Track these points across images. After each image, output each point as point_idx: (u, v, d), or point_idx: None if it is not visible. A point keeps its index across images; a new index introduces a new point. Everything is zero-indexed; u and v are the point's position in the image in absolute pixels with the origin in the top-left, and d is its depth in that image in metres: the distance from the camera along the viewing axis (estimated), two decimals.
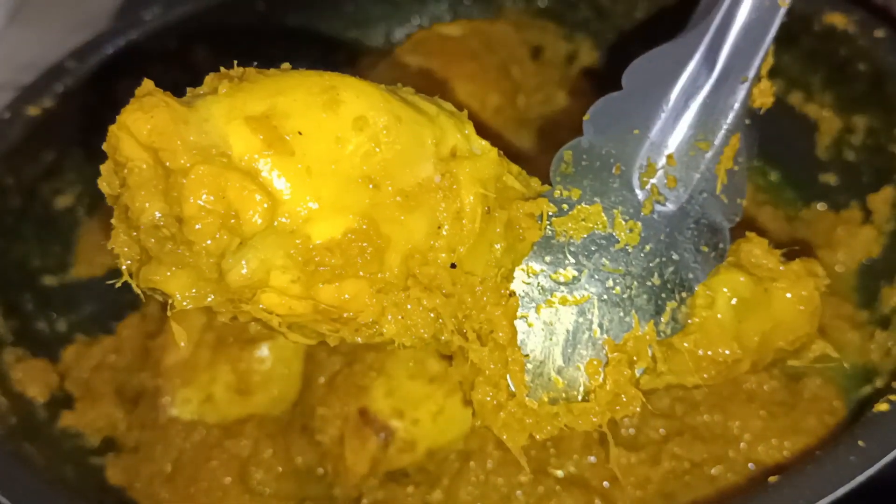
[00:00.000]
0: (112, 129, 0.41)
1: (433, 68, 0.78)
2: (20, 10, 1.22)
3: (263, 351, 0.63)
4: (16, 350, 0.69)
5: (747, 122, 0.52)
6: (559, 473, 0.58)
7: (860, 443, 0.49)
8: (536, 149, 0.79)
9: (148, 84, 0.41)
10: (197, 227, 0.38)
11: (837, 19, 0.71)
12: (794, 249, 0.54)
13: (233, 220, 0.38)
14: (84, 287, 0.77)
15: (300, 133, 0.40)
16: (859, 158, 0.71)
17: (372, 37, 0.93)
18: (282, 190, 0.39)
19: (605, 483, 0.58)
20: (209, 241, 0.38)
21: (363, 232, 0.40)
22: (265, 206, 0.39)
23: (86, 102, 0.80)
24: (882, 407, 0.51)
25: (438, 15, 0.93)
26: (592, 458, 0.58)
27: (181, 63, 0.86)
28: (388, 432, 0.57)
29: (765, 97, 0.52)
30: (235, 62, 0.45)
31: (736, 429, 0.59)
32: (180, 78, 0.95)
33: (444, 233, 0.42)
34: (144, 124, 0.39)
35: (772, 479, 0.49)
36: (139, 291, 0.42)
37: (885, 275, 0.66)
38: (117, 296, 0.77)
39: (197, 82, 0.96)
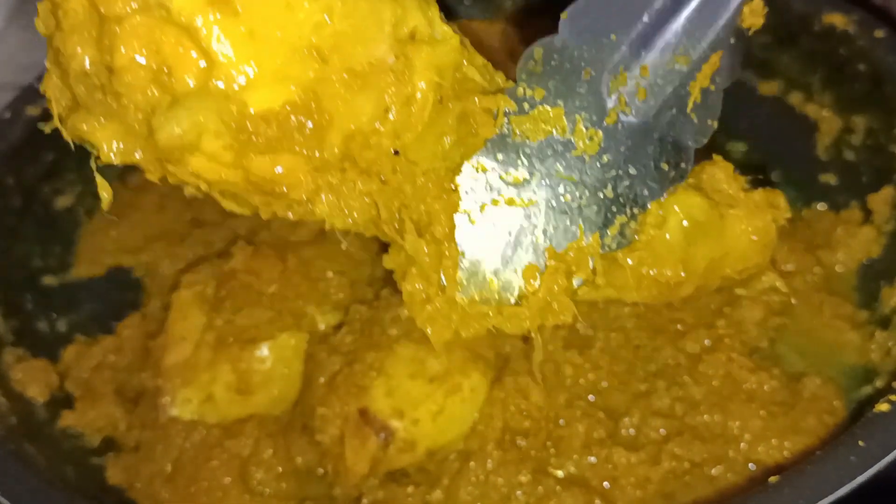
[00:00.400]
0: None
1: None
2: (20, 11, 1.22)
3: (263, 351, 0.63)
4: (16, 350, 0.69)
5: (732, 41, 0.49)
6: (559, 473, 0.58)
7: (860, 443, 0.49)
8: None
9: None
10: (127, 79, 0.36)
11: (837, 19, 0.71)
12: (759, 178, 0.53)
13: (165, 78, 0.37)
14: (84, 287, 0.77)
15: None
16: (859, 158, 0.72)
17: None
18: (220, 51, 0.37)
19: (606, 483, 0.58)
20: (139, 96, 0.37)
21: (304, 106, 0.38)
22: (201, 66, 0.37)
23: None
24: (882, 407, 0.51)
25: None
26: (592, 459, 0.58)
27: None
28: (388, 432, 0.57)
29: (755, 17, 0.49)
30: None
31: (736, 429, 0.59)
32: None
33: (391, 117, 0.40)
34: None
35: (772, 479, 0.49)
36: (69, 140, 0.40)
37: (885, 275, 0.66)
38: (117, 296, 0.77)
39: None
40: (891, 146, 0.68)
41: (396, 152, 0.41)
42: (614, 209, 0.47)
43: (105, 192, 0.42)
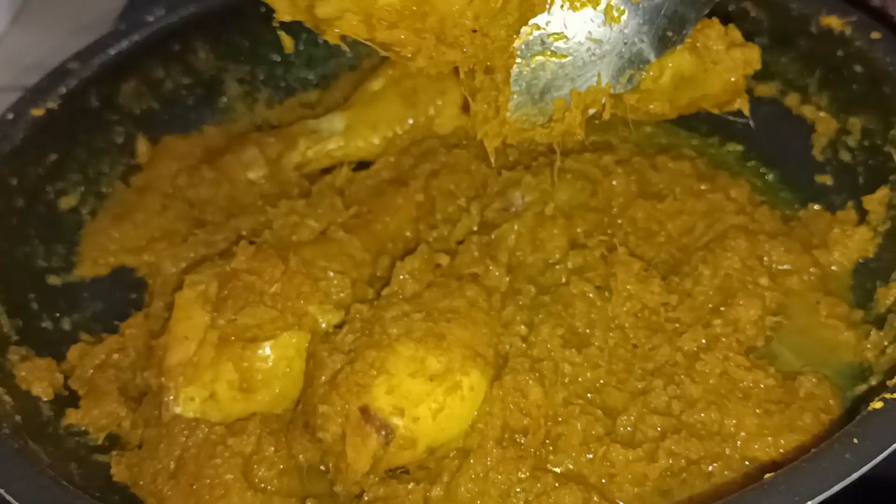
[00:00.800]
0: None
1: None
2: (23, 12, 1.22)
3: (266, 350, 0.63)
4: (20, 349, 0.69)
5: None
6: (557, 470, 0.59)
7: (855, 440, 0.49)
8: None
9: None
10: None
11: (834, 21, 0.72)
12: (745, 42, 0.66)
13: None
14: (88, 287, 0.78)
15: None
16: (855, 160, 0.72)
17: None
18: None
19: (603, 480, 0.58)
20: None
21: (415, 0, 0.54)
22: None
23: (89, 103, 0.81)
24: (877, 405, 0.51)
25: None
26: (590, 456, 0.59)
27: (183, 65, 0.87)
28: (388, 430, 0.57)
29: None
30: None
31: (732, 426, 0.59)
32: (182, 79, 0.97)
33: (474, 5, 0.55)
34: None
35: (768, 476, 0.50)
36: None
37: (880, 274, 0.67)
38: (121, 295, 0.78)
39: (199, 84, 0.97)
40: (886, 147, 0.69)
41: (475, 31, 0.56)
42: (625, 65, 0.62)
43: (287, 40, 0.64)
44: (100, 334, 0.74)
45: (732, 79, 0.66)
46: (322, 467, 0.62)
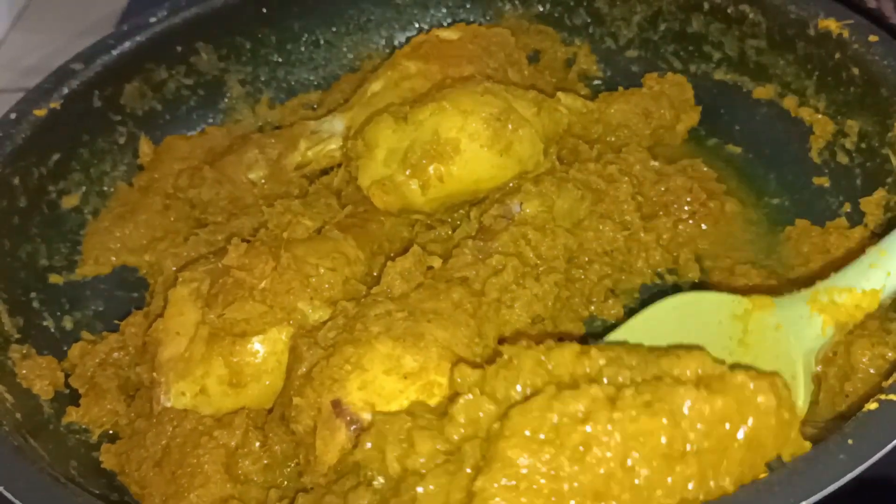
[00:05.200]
0: None
1: (431, 70, 0.79)
2: (24, 15, 1.23)
3: (255, 345, 0.63)
4: (21, 347, 0.69)
5: None
6: None
7: (850, 441, 0.49)
8: None
9: None
10: None
11: (831, 24, 0.72)
12: None
13: None
14: (90, 286, 0.78)
15: None
16: (853, 162, 0.72)
17: (374, 41, 0.94)
18: None
19: None
20: None
21: None
22: None
23: (92, 104, 0.81)
24: (872, 406, 0.51)
25: (440, 19, 0.94)
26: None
27: (185, 66, 0.87)
28: (358, 424, 0.57)
29: None
30: None
31: None
32: (184, 80, 0.97)
33: None
34: None
35: (762, 475, 0.50)
36: None
37: None
38: (123, 294, 0.79)
39: (201, 85, 0.98)
40: (884, 150, 0.69)
41: None
42: None
43: None
44: (101, 333, 0.74)
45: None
46: (295, 460, 0.61)
